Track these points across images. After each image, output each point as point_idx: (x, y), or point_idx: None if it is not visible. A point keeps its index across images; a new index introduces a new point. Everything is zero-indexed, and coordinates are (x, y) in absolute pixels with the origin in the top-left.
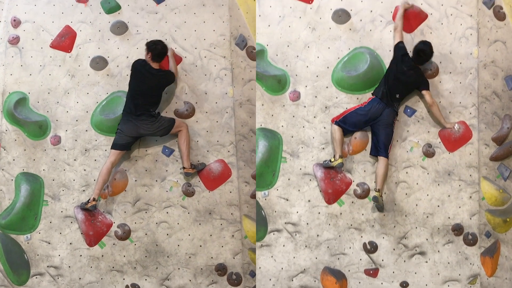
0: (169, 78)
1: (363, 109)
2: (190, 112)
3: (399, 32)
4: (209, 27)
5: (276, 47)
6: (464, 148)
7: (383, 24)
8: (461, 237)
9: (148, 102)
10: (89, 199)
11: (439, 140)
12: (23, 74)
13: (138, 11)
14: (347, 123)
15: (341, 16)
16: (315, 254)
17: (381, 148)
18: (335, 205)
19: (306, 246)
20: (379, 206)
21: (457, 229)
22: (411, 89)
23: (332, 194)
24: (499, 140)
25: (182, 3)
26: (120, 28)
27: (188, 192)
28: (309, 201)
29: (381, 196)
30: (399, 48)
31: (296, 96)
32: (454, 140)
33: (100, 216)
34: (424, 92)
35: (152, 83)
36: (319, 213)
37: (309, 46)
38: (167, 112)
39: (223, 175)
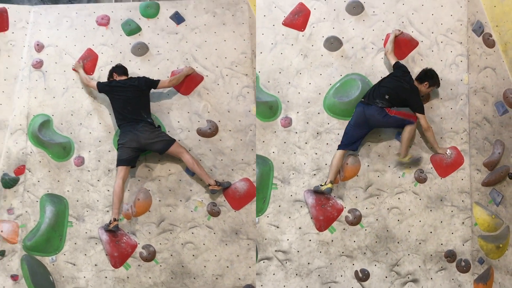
0: (140, 81)
1: (351, 119)
2: (213, 131)
3: (392, 54)
4: (230, 46)
5: (268, 73)
6: (456, 173)
7: (374, 51)
8: (454, 263)
9: (137, 107)
10: (110, 220)
11: (431, 165)
12: (47, 97)
13: (159, 32)
14: (347, 140)
15: (333, 43)
16: (306, 283)
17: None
18: (327, 232)
19: (296, 274)
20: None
21: (450, 256)
22: (402, 103)
23: (323, 221)
24: (490, 165)
25: (202, 22)
26: (140, 49)
27: (214, 212)
28: (300, 228)
29: (404, 157)
30: (400, 66)
31: (287, 122)
32: (446, 165)
33: (124, 237)
34: (419, 115)
35: (129, 89)
36: (310, 240)
37: (301, 72)
38: (190, 131)
39: (249, 194)
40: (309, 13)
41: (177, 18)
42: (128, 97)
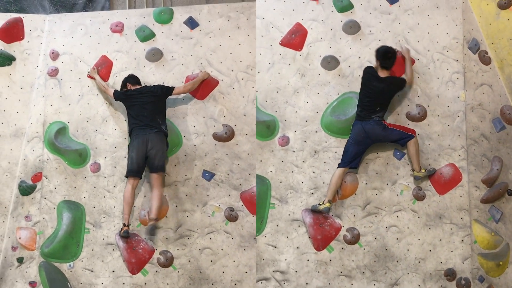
0: (156, 87)
1: (350, 137)
2: (229, 135)
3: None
4: (245, 49)
5: (265, 93)
6: (455, 190)
7: None
8: (454, 282)
9: (152, 112)
10: (122, 227)
11: (429, 183)
12: (63, 104)
13: (173, 37)
14: (347, 158)
15: (330, 63)
16: None
17: (402, 140)
18: (325, 251)
19: None
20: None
21: (450, 274)
22: (390, 96)
23: (321, 240)
24: (489, 182)
25: (216, 27)
26: (155, 55)
27: (231, 217)
28: (297, 248)
29: (419, 171)
30: (365, 68)
31: (285, 141)
32: (444, 182)
33: (141, 243)
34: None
35: (145, 95)
36: (308, 260)
37: (299, 91)
38: (206, 136)
39: None
40: (306, 33)
41: (191, 23)
42: (144, 102)
